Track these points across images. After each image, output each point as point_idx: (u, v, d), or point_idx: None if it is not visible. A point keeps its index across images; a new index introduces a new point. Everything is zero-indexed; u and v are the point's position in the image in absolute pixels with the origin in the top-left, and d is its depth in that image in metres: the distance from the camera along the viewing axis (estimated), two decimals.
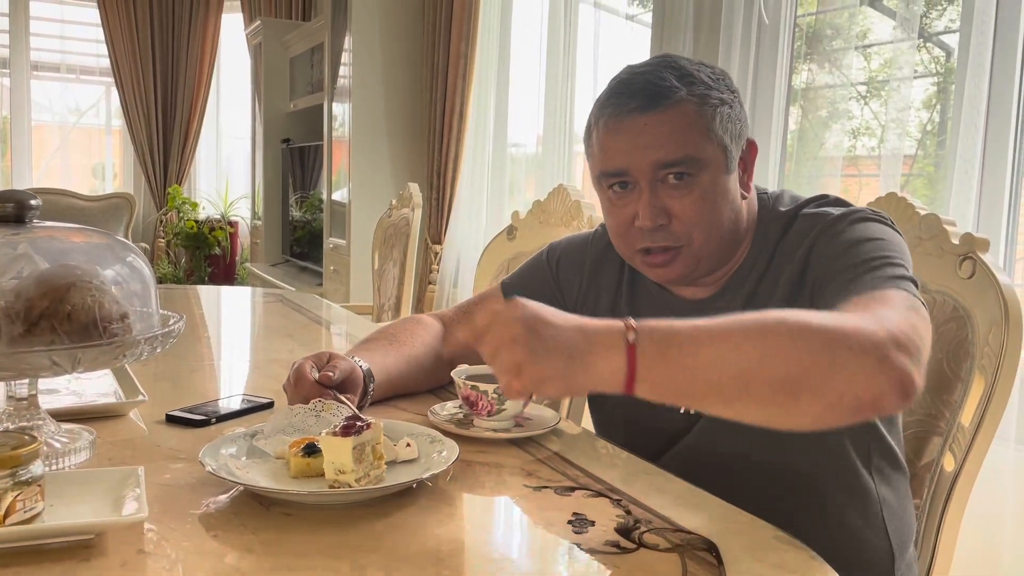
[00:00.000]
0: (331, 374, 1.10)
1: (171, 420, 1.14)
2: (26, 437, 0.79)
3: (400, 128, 4.21)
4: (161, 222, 6.20)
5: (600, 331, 0.78)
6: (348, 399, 1.06)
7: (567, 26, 3.23)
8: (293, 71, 5.26)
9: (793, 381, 0.75)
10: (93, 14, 5.91)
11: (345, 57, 4.19)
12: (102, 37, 5.90)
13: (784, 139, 2.40)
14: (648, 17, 2.88)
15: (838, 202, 1.10)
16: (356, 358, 1.18)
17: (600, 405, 1.27)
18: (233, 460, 0.92)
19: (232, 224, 6.26)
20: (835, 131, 2.34)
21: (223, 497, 0.87)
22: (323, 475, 0.88)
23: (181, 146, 6.19)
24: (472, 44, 3.66)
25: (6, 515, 0.74)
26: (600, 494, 0.90)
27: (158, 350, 0.97)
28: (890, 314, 0.82)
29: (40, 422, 0.96)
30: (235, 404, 1.21)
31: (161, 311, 1.04)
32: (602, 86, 1.13)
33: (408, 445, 0.97)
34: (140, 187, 6.26)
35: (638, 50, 3.05)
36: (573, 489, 0.90)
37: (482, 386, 1.10)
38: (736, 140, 1.09)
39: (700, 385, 0.76)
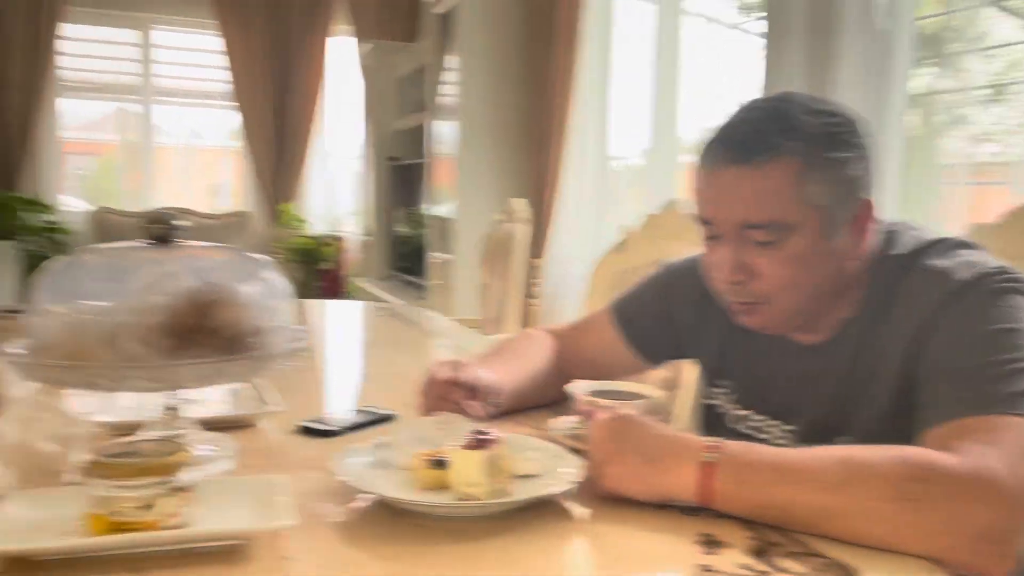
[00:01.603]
0: (470, 376, 1.13)
1: (302, 430, 1.18)
2: (177, 445, 0.83)
3: (504, 144, 4.25)
4: (274, 238, 6.44)
5: (680, 442, 0.89)
6: (485, 405, 1.09)
7: (671, 37, 3.20)
8: (400, 91, 5.40)
9: (870, 540, 0.80)
10: (213, 41, 6.20)
11: (451, 76, 4.28)
12: (220, 63, 6.19)
13: (902, 146, 2.31)
14: (755, 25, 2.83)
15: (961, 246, 1.01)
16: (483, 371, 1.19)
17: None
18: (363, 470, 0.95)
19: (340, 240, 6.46)
20: (956, 137, 2.24)
21: (358, 506, 0.90)
22: (448, 488, 0.89)
23: (295, 165, 6.44)
24: (576, 58, 3.67)
25: (160, 520, 0.78)
26: (727, 514, 0.88)
27: (292, 362, 1.02)
28: (996, 465, 0.79)
29: (187, 431, 1.01)
30: (358, 416, 1.24)
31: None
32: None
33: (531, 460, 0.98)
34: (255, 205, 6.53)
35: (748, 59, 2.99)
36: (699, 509, 0.89)
37: (602, 401, 1.10)
38: (844, 201, 1.00)
39: (771, 515, 0.84)
